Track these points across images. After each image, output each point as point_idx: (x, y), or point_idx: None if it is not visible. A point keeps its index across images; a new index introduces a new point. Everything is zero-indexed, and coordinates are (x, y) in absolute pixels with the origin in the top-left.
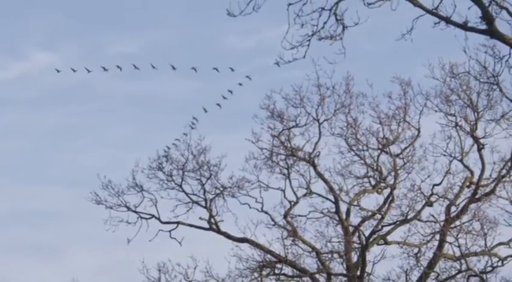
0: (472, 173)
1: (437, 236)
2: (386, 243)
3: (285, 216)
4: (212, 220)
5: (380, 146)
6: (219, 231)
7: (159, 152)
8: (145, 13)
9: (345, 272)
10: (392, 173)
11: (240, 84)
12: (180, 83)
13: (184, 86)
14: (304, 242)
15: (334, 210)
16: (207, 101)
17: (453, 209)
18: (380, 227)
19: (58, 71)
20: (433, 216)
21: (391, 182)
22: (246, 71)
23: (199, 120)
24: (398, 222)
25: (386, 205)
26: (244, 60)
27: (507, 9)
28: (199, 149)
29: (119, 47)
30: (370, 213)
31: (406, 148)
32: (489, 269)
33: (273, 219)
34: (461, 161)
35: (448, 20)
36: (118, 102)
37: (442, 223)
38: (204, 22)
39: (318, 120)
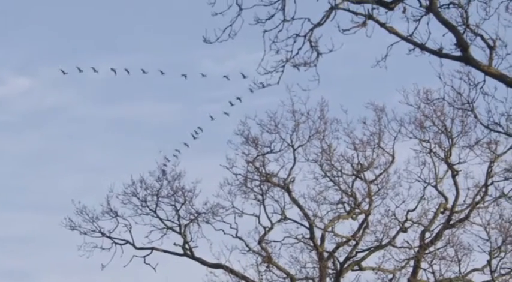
0: (446, 199)
1: (412, 262)
2: (361, 269)
3: (259, 242)
4: (186, 246)
5: (354, 172)
6: (193, 257)
7: (134, 177)
8: (124, 37)
9: None
10: (367, 199)
11: (231, 103)
12: (157, 108)
13: (161, 110)
14: (278, 268)
15: (308, 236)
16: (184, 126)
17: (427, 235)
18: (354, 253)
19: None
20: (407, 242)
21: (366, 207)
22: (221, 96)
23: (175, 146)
24: (372, 248)
25: (361, 231)
26: (220, 85)
27: (482, 36)
28: (174, 174)
29: (100, 70)
30: (344, 239)
31: (380, 174)
32: None
33: (247, 245)
34: (435, 187)
35: (422, 47)
36: (94, 127)
37: (416, 249)
38: (181, 47)
39: (292, 146)
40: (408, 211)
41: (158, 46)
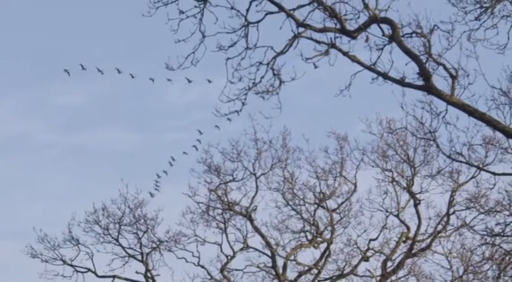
0: (408, 228)
1: None
2: None
3: (221, 271)
4: (148, 274)
5: (317, 201)
6: None
7: (96, 204)
8: (89, 64)
9: None
10: (329, 228)
11: (199, 140)
12: (119, 136)
13: (124, 138)
14: None
15: (270, 264)
16: (146, 154)
17: (389, 264)
18: (317, 281)
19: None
20: (369, 271)
21: (328, 236)
22: (184, 125)
23: (138, 172)
24: (334, 277)
25: (323, 260)
26: (183, 113)
27: (444, 66)
28: (136, 202)
29: (64, 98)
30: (306, 268)
31: (342, 203)
32: None
33: (209, 274)
34: (397, 216)
35: (385, 76)
36: (56, 155)
37: (378, 278)
38: (146, 74)
39: (254, 175)
40: (370, 240)
41: (121, 74)
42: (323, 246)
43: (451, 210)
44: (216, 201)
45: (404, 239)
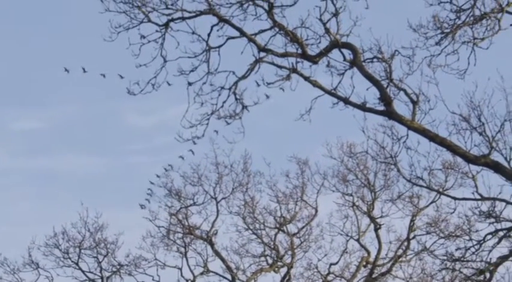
0: (368, 252)
1: None
2: None
3: None
4: None
5: (277, 225)
6: None
7: (56, 228)
8: (49, 89)
9: None
10: (290, 252)
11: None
12: (80, 159)
13: (85, 162)
14: None
15: None
16: (107, 178)
17: None
18: None
19: None
20: None
21: (288, 260)
22: (146, 148)
23: (99, 196)
24: None
25: None
26: (146, 137)
27: (405, 91)
28: (96, 226)
29: (22, 123)
30: None
31: (303, 227)
32: None
33: None
34: (358, 240)
35: (346, 101)
36: (16, 179)
37: None
38: (107, 99)
39: (215, 199)
40: (331, 264)
41: (83, 98)
42: (283, 270)
43: (412, 235)
44: (176, 225)
45: (364, 263)
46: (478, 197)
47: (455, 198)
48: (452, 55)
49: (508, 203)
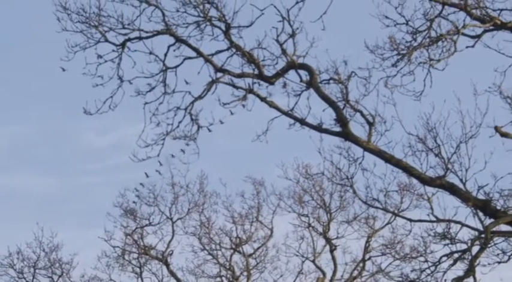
0: (324, 273)
1: None
2: None
3: None
4: None
5: (233, 246)
6: None
7: (11, 248)
8: (4, 107)
9: None
10: (245, 273)
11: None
12: (35, 179)
13: (40, 181)
14: None
15: None
16: (62, 197)
17: None
18: None
19: None
20: None
21: (244, 281)
22: (102, 168)
23: (55, 216)
24: None
25: None
26: (102, 157)
27: (361, 112)
28: (51, 246)
29: None
30: None
31: (259, 248)
32: None
33: None
34: (313, 261)
35: (302, 122)
36: None
37: None
38: (64, 118)
39: (171, 219)
40: None
41: (39, 117)
42: None
43: (367, 256)
44: (132, 246)
45: None
46: (434, 218)
47: (410, 220)
48: (408, 76)
49: (463, 224)
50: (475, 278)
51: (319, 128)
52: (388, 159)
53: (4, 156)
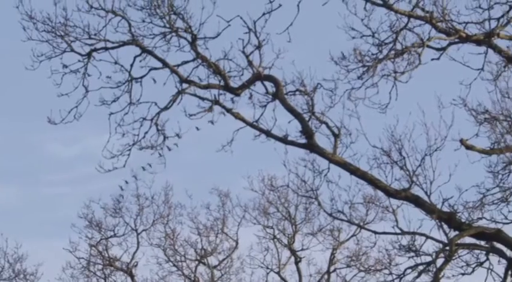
0: None
1: None
2: None
3: None
4: None
5: (198, 257)
6: None
7: None
8: None
9: None
10: None
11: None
12: (0, 189)
13: (5, 192)
14: None
15: None
16: (28, 208)
17: None
18: None
19: None
20: None
21: None
22: (68, 179)
23: (19, 227)
24: None
25: None
26: (67, 168)
27: (327, 124)
28: (16, 257)
29: None
30: None
31: (224, 259)
32: None
33: None
34: (278, 273)
35: (268, 133)
36: None
37: None
38: (29, 128)
39: (136, 231)
40: None
41: (3, 127)
42: None
43: (332, 268)
44: (96, 257)
45: None
46: (398, 231)
47: (375, 232)
48: (373, 88)
49: (427, 237)
50: None
51: (284, 140)
52: (354, 171)
53: None
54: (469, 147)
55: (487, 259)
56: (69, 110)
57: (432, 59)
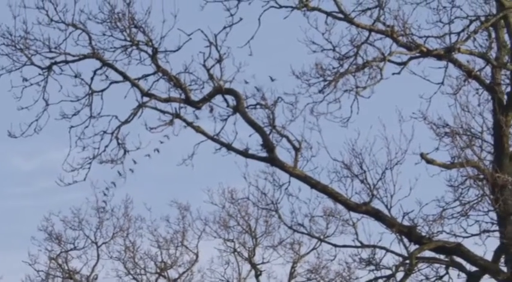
0: None
1: None
2: None
3: None
4: None
5: (158, 270)
6: None
7: None
8: None
9: None
10: None
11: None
12: None
13: None
14: None
15: None
16: None
17: None
18: None
19: None
20: None
21: None
22: (28, 192)
23: None
24: None
25: None
26: (27, 181)
27: (287, 138)
28: None
29: None
30: None
31: (184, 272)
32: None
33: None
34: None
35: (229, 147)
36: None
37: None
38: None
39: (96, 243)
40: None
41: None
42: None
43: (292, 281)
44: (56, 270)
45: None
46: (359, 244)
47: (335, 245)
48: (335, 103)
49: (387, 250)
50: None
51: (245, 153)
52: (314, 185)
53: None
54: (429, 161)
55: (447, 273)
56: (30, 123)
57: (393, 74)
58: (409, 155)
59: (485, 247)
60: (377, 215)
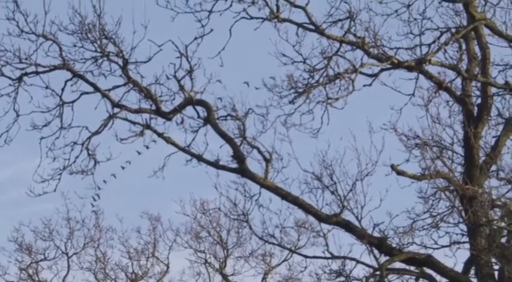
0: None
1: None
2: None
3: None
4: None
5: (129, 281)
6: None
7: None
8: None
9: None
10: None
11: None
12: None
13: None
14: None
15: None
16: None
17: None
18: None
19: None
20: None
21: None
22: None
23: None
24: None
25: None
26: None
27: (258, 149)
28: None
29: None
30: None
31: None
32: None
33: None
34: None
35: (200, 158)
36: None
37: None
38: None
39: (66, 254)
40: None
41: None
42: None
43: None
44: (26, 281)
45: None
46: (329, 255)
47: (306, 256)
48: (307, 115)
49: (358, 261)
50: None
51: (216, 165)
52: (285, 196)
53: None
54: (399, 173)
55: None
56: (0, 134)
57: (364, 85)
58: (380, 167)
59: (456, 259)
60: (347, 227)
